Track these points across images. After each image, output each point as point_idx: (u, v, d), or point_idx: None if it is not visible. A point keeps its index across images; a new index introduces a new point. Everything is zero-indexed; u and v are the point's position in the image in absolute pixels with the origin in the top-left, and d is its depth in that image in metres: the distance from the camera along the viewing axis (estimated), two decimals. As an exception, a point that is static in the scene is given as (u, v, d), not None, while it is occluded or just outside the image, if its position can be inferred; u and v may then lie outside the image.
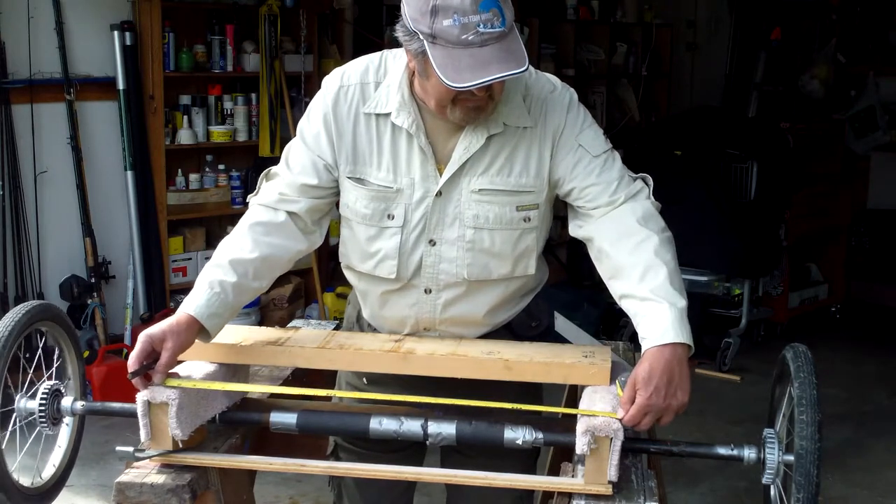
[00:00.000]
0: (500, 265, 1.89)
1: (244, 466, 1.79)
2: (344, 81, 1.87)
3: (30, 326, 1.78)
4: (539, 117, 1.85)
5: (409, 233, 1.86)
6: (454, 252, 1.87)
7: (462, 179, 1.84)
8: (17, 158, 4.36)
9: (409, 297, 1.92)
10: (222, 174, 5.04)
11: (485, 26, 1.61)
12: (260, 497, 2.10)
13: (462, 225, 1.85)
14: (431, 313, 1.93)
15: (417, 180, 1.84)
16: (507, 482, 1.77)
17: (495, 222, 1.85)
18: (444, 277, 1.89)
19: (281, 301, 5.17)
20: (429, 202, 1.84)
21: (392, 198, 1.85)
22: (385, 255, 1.88)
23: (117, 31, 4.58)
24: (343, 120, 1.86)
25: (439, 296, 1.91)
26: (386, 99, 1.84)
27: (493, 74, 1.61)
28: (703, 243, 5.21)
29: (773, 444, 1.65)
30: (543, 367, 1.80)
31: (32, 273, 4.42)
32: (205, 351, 1.83)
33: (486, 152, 1.83)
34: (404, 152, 1.84)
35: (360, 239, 1.91)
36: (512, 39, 1.65)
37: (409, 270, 1.88)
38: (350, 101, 1.86)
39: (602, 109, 6.82)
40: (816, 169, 5.79)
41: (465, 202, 1.84)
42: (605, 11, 6.83)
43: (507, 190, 1.84)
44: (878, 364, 5.38)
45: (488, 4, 1.61)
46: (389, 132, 1.84)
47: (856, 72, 6.89)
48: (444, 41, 1.62)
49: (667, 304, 1.69)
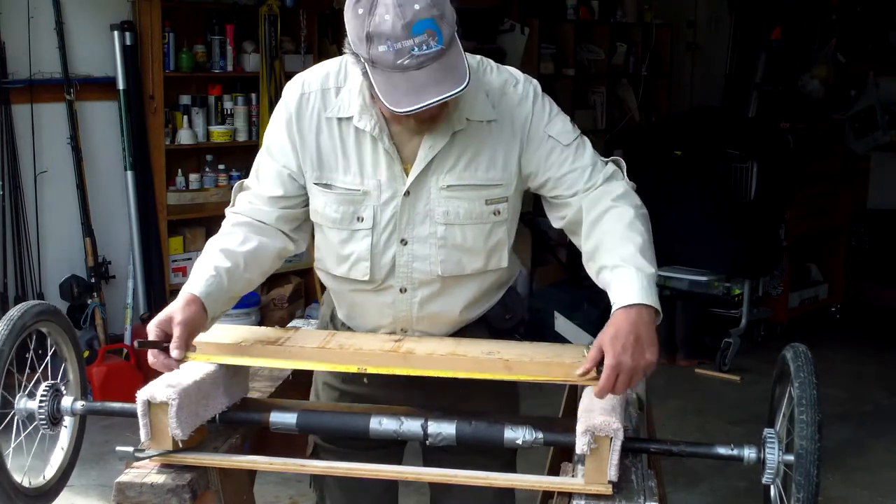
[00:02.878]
0: (472, 260, 1.90)
1: (244, 466, 1.79)
2: (305, 88, 1.87)
3: (30, 326, 1.78)
4: (504, 110, 1.86)
5: (380, 234, 1.87)
6: (426, 249, 1.87)
7: (430, 177, 1.84)
8: (17, 158, 4.36)
9: (384, 296, 1.93)
10: (222, 174, 5.04)
11: (419, 49, 1.60)
12: (260, 497, 2.10)
13: (433, 222, 1.86)
14: (408, 312, 1.94)
15: (384, 181, 1.84)
16: (507, 482, 1.77)
17: (466, 217, 1.86)
18: (418, 276, 1.89)
19: (281, 301, 5.17)
20: (397, 202, 1.85)
21: (360, 200, 1.86)
22: (358, 258, 1.89)
23: (117, 31, 4.58)
24: (306, 127, 1.86)
25: (415, 294, 1.92)
26: (348, 103, 1.84)
27: (430, 98, 1.61)
28: (703, 243, 5.21)
29: (773, 444, 1.65)
30: (543, 367, 1.80)
31: (32, 273, 4.42)
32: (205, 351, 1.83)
33: (451, 149, 1.83)
34: (369, 155, 1.84)
35: (332, 243, 1.91)
36: (452, 55, 1.64)
37: (382, 271, 1.89)
38: (312, 108, 1.86)
39: (602, 109, 6.82)
40: (816, 169, 5.80)
41: (435, 199, 1.85)
42: (605, 11, 6.83)
43: (475, 185, 1.85)
44: (878, 364, 5.38)
45: (421, 26, 1.60)
46: (353, 135, 1.85)
47: (856, 72, 6.89)
48: (382, 66, 1.62)
49: (634, 269, 1.76)
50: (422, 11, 1.60)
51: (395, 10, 1.59)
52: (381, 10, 1.60)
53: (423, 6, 1.60)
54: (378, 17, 1.60)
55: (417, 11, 1.60)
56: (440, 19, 1.62)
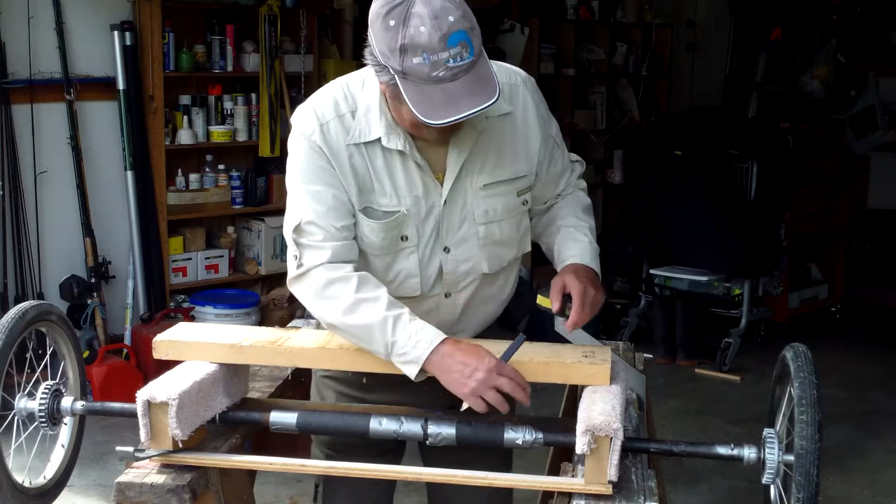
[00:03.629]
0: (509, 251, 1.95)
1: (244, 466, 1.79)
2: (321, 118, 1.82)
3: (30, 327, 1.78)
4: (514, 103, 1.89)
5: (424, 247, 1.88)
6: (469, 251, 1.89)
7: (464, 181, 1.85)
8: (17, 158, 4.36)
9: (427, 304, 1.93)
10: (222, 174, 5.04)
11: (454, 60, 1.60)
12: (260, 497, 2.10)
13: (473, 223, 1.88)
14: (451, 314, 1.95)
15: (421, 195, 1.84)
16: (507, 482, 1.77)
17: (503, 213, 1.90)
18: (462, 279, 1.92)
19: (281, 301, 5.16)
20: (437, 213, 1.86)
21: (402, 221, 1.85)
22: (407, 275, 1.89)
23: (117, 31, 4.58)
24: (337, 155, 1.81)
25: (458, 297, 1.94)
26: (367, 126, 1.82)
27: (465, 111, 1.61)
28: (703, 243, 5.21)
29: (773, 444, 1.65)
30: (543, 367, 1.80)
31: (32, 273, 4.42)
32: (205, 351, 1.83)
33: (478, 149, 1.85)
34: (401, 173, 1.83)
35: (377, 268, 1.88)
36: (482, 65, 1.65)
37: (430, 282, 1.90)
38: (336, 136, 1.81)
39: (602, 109, 6.82)
40: (816, 169, 5.80)
41: (473, 201, 1.87)
42: (605, 11, 6.83)
43: (508, 179, 1.89)
44: (878, 364, 5.38)
45: (456, 38, 1.60)
46: (381, 157, 1.83)
47: (856, 72, 6.89)
48: (415, 78, 1.62)
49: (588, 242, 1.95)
50: (456, 23, 1.60)
51: (432, 23, 1.59)
52: (415, 22, 1.59)
53: (457, 18, 1.60)
54: (413, 28, 1.59)
55: (452, 23, 1.60)
56: (471, 31, 1.63)
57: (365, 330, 1.77)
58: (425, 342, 1.74)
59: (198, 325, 2.04)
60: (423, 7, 1.60)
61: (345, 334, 1.82)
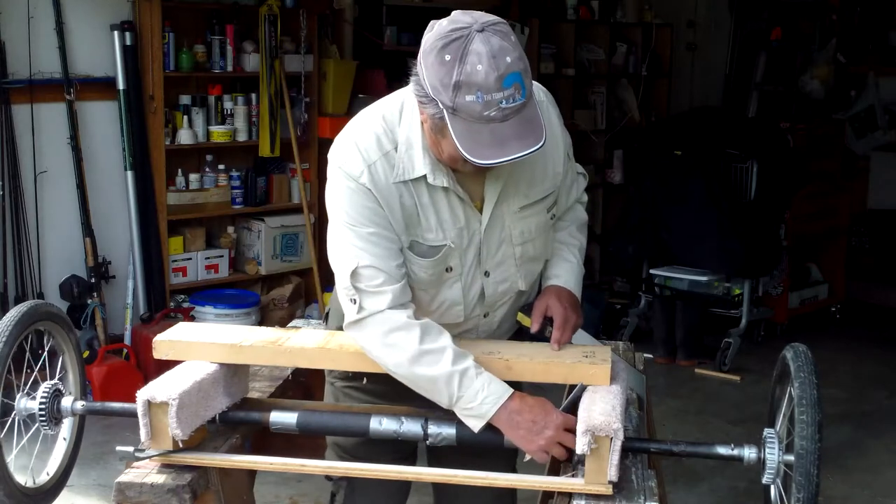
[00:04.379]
0: (539, 265, 1.98)
1: (244, 466, 1.79)
2: (367, 160, 1.78)
3: (30, 326, 1.78)
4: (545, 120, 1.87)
5: (467, 275, 1.89)
6: (507, 272, 1.92)
7: (502, 206, 1.87)
8: (17, 158, 4.36)
9: (466, 324, 1.96)
10: (222, 174, 5.04)
11: (507, 102, 1.58)
12: (260, 497, 2.10)
13: (510, 244, 1.90)
14: (488, 330, 1.98)
15: (463, 226, 1.84)
16: (507, 482, 1.77)
17: (537, 231, 1.92)
18: (500, 298, 1.94)
19: (281, 301, 5.17)
20: (477, 241, 1.87)
21: (448, 254, 1.85)
22: (451, 304, 1.91)
23: (117, 31, 4.58)
24: (385, 194, 1.78)
25: (495, 315, 1.97)
26: (411, 162, 1.79)
27: (513, 153, 1.60)
28: (703, 243, 5.21)
29: (773, 444, 1.65)
30: (543, 367, 1.80)
31: (32, 273, 4.42)
32: (205, 351, 1.83)
33: (514, 173, 1.85)
34: (445, 206, 1.83)
35: (422, 301, 1.89)
36: (531, 107, 1.63)
37: (472, 306, 1.92)
38: (384, 175, 1.78)
39: (602, 109, 6.82)
40: (816, 169, 5.80)
41: (510, 224, 1.88)
42: (605, 11, 6.82)
43: (539, 199, 1.91)
44: (878, 364, 5.38)
45: (511, 80, 1.58)
46: (426, 193, 1.81)
47: (856, 72, 6.89)
48: (466, 115, 1.59)
49: (577, 265, 2.00)
50: (513, 65, 1.59)
51: (489, 62, 1.57)
52: (473, 59, 1.57)
53: (513, 59, 1.59)
54: (470, 66, 1.57)
55: (509, 64, 1.58)
56: (525, 73, 1.61)
57: (430, 382, 1.77)
58: (492, 399, 1.73)
59: (198, 325, 2.04)
60: (482, 45, 1.57)
61: (407, 381, 1.81)
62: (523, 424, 1.72)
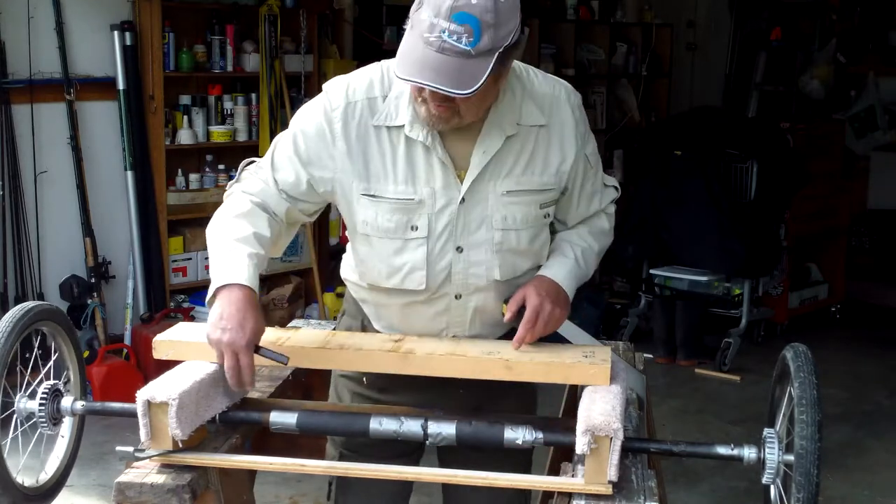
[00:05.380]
0: (524, 262, 1.92)
1: (244, 466, 1.79)
2: (350, 97, 1.82)
3: (30, 327, 1.78)
4: (552, 115, 1.86)
5: (435, 242, 1.85)
6: (482, 255, 1.87)
7: (486, 184, 1.83)
8: (17, 158, 4.36)
9: (438, 305, 1.91)
10: (222, 174, 5.04)
11: (449, 36, 1.59)
12: (260, 497, 2.10)
13: (490, 228, 1.85)
14: (462, 317, 1.93)
15: (439, 189, 1.82)
16: (508, 482, 1.76)
17: (522, 222, 1.87)
18: (473, 281, 1.88)
19: (281, 301, 5.17)
20: (453, 209, 1.83)
21: (413, 209, 1.83)
22: (413, 267, 1.86)
23: (117, 31, 4.58)
24: (353, 139, 1.81)
25: (469, 299, 1.90)
26: (395, 111, 1.81)
27: (426, 80, 1.60)
28: (703, 243, 5.22)
29: (773, 444, 1.65)
30: (543, 367, 1.80)
31: (32, 273, 4.42)
32: (205, 351, 1.83)
33: (507, 154, 1.83)
34: (422, 163, 1.81)
35: (383, 254, 1.87)
36: (475, 65, 1.60)
37: (438, 279, 1.87)
38: (359, 118, 1.81)
39: (602, 109, 6.82)
40: (816, 169, 5.80)
41: (494, 205, 1.84)
42: (605, 11, 6.83)
43: (532, 189, 1.86)
44: (878, 364, 5.38)
45: (464, 19, 1.58)
46: (403, 144, 1.81)
47: (856, 72, 6.90)
48: (415, 30, 1.64)
49: (573, 260, 1.93)
50: (474, 8, 1.59)
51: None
52: None
53: (478, 5, 1.59)
54: None
55: (470, 5, 1.59)
56: (487, 27, 1.60)
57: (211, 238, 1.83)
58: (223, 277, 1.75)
59: (198, 325, 2.03)
60: None
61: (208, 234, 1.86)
62: (216, 314, 1.72)
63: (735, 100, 7.04)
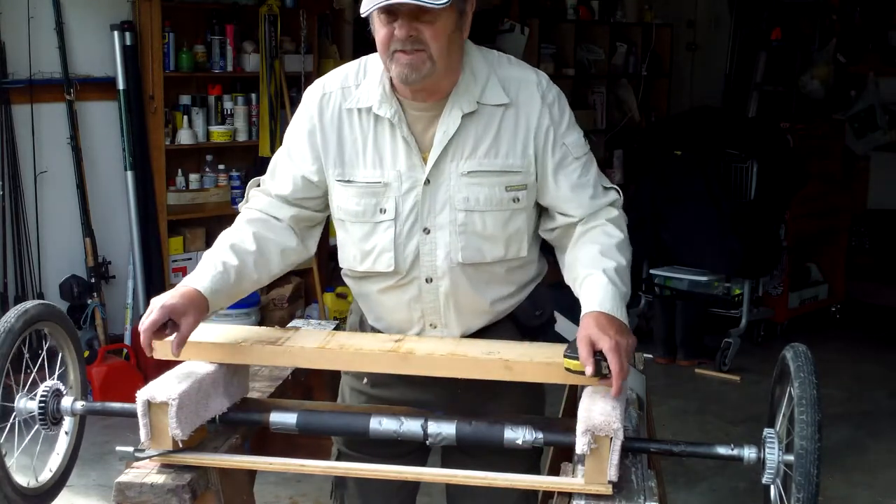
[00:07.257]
0: (492, 248, 1.90)
1: (244, 466, 1.79)
2: (325, 90, 1.92)
3: (30, 326, 1.78)
4: (520, 99, 1.87)
5: (403, 224, 1.87)
6: (447, 237, 1.87)
7: (449, 164, 1.85)
8: (17, 158, 4.36)
9: (410, 290, 1.92)
10: (222, 174, 5.04)
11: None
12: (260, 497, 2.10)
13: (453, 209, 1.86)
14: (435, 303, 1.92)
15: (404, 171, 1.85)
16: (507, 482, 1.76)
17: (486, 204, 1.86)
18: (440, 264, 1.89)
19: (281, 301, 5.17)
20: (418, 191, 1.86)
21: (381, 192, 1.87)
22: (381, 250, 1.89)
23: (117, 31, 4.58)
24: (328, 126, 1.90)
25: (440, 284, 1.90)
26: (367, 95, 1.87)
27: None
28: (703, 243, 5.21)
29: (773, 444, 1.65)
30: (543, 367, 1.80)
31: (32, 273, 4.43)
32: (205, 351, 1.83)
33: (468, 134, 1.84)
34: (388, 145, 1.86)
35: (355, 238, 1.92)
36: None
37: (406, 261, 1.89)
38: (333, 105, 1.90)
39: (602, 109, 6.83)
40: (816, 169, 5.80)
41: (455, 186, 1.85)
42: (605, 11, 6.84)
43: (495, 171, 1.86)
44: (878, 364, 5.38)
45: None
46: (372, 126, 1.87)
47: (856, 72, 6.89)
48: None
49: (608, 281, 1.79)
50: None
51: None
52: None
53: None
54: None
55: None
56: None
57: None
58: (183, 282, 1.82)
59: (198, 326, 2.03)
60: None
61: None
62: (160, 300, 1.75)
63: (735, 100, 7.03)
